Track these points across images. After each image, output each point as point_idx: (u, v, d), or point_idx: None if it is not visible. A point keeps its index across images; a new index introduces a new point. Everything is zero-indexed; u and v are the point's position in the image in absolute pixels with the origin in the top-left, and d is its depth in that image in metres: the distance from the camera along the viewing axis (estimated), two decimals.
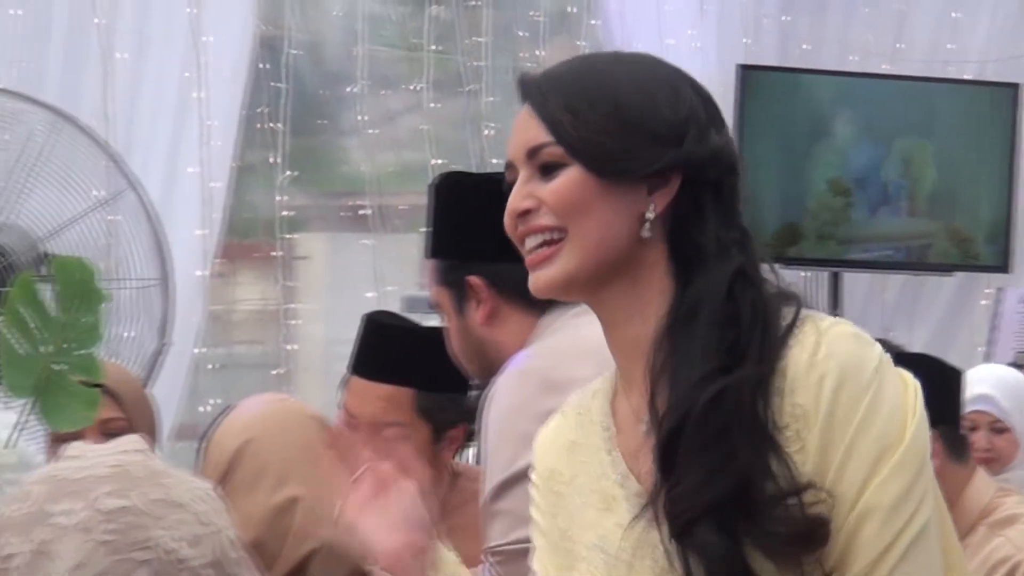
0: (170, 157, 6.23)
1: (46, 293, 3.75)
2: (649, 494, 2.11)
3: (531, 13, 7.36)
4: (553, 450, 2.32)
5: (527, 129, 2.17)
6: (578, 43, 7.50)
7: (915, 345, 7.36)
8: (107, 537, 1.57)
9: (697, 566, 2.04)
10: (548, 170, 2.14)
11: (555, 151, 2.13)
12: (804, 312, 2.14)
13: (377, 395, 3.68)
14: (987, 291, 7.80)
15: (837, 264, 7.68)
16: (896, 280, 8.09)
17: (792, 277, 7.62)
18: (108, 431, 3.68)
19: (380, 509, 2.43)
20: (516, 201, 2.17)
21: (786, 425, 2.06)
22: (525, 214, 2.16)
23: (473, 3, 7.17)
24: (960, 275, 7.97)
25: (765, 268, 2.17)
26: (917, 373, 3.72)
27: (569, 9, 7.54)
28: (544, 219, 2.14)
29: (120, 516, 1.58)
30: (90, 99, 5.98)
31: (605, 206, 2.12)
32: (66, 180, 4.99)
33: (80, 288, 3.68)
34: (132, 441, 1.67)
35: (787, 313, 2.12)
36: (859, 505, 2.04)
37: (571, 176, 2.12)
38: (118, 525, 1.58)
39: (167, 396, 5.74)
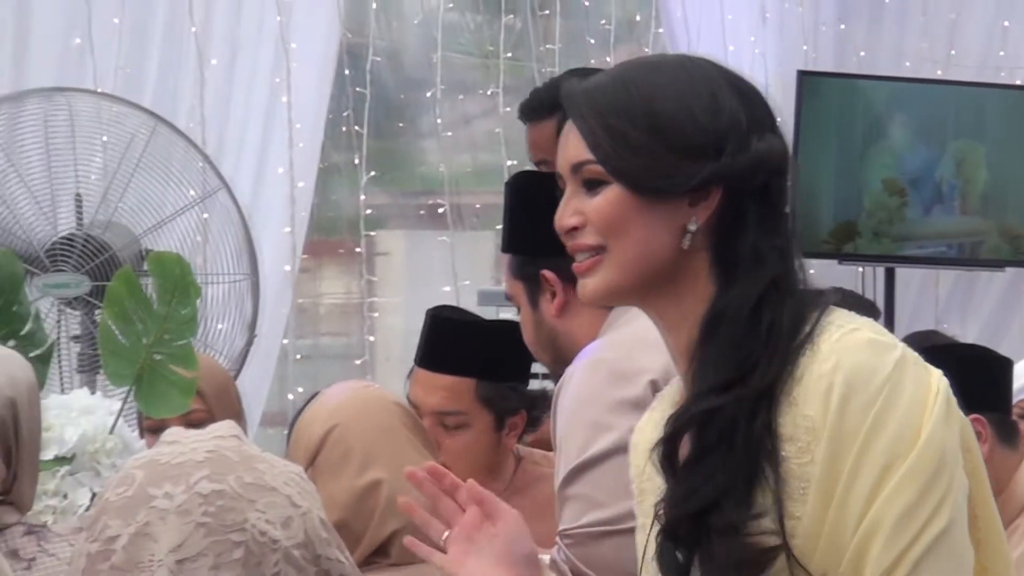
0: (260, 158, 6.23)
1: (146, 287, 3.77)
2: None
3: (600, 21, 7.36)
4: (640, 450, 2.25)
5: (571, 144, 2.13)
6: (644, 50, 7.49)
7: (967, 337, 7.33)
8: (204, 519, 1.56)
9: (694, 569, 2.02)
10: (592, 186, 2.10)
11: (596, 169, 2.09)
12: (830, 316, 2.06)
13: (440, 385, 3.70)
14: None
15: (892, 260, 7.65)
16: (949, 275, 8.05)
17: (849, 273, 7.63)
18: (190, 422, 3.68)
19: (486, 540, 2.29)
20: (563, 218, 2.13)
21: (794, 437, 2.00)
22: (572, 230, 2.12)
23: (545, 12, 7.18)
24: (1011, 271, 7.91)
25: (805, 269, 2.12)
26: (970, 363, 3.75)
27: (636, 17, 7.54)
28: (588, 237, 2.10)
29: (216, 499, 1.58)
30: (186, 103, 6.00)
31: (646, 222, 2.07)
32: (163, 180, 5.02)
33: (177, 282, 3.70)
34: (227, 427, 1.67)
35: (812, 318, 2.05)
36: (868, 518, 1.96)
37: (612, 195, 2.08)
38: (214, 508, 1.57)
39: (256, 385, 5.77)
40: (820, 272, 7.80)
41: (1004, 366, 3.86)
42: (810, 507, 1.98)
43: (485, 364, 3.66)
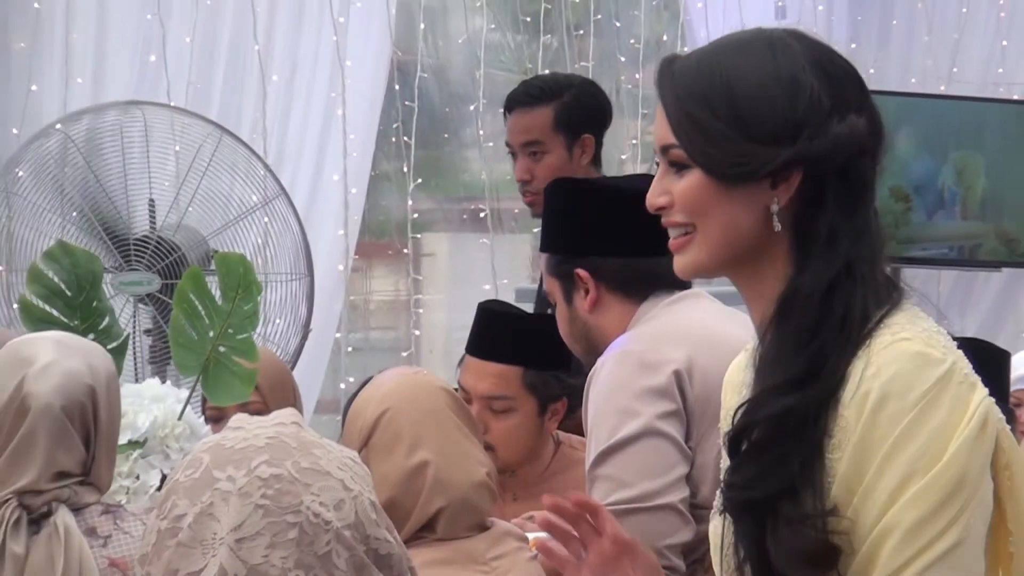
0: (316, 167, 6.24)
1: (212, 285, 3.79)
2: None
3: (630, 41, 7.32)
4: (731, 388, 2.18)
5: (660, 125, 2.06)
6: None
7: (966, 332, 7.31)
8: (263, 502, 1.56)
9: (743, 551, 1.97)
10: (678, 168, 2.04)
11: (680, 153, 2.03)
12: (893, 316, 1.97)
13: (489, 372, 3.68)
14: None
15: (898, 261, 7.60)
16: (950, 275, 8.03)
17: None
18: (247, 413, 3.72)
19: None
20: (653, 196, 2.08)
21: (832, 433, 1.92)
22: (662, 208, 2.07)
23: (579, 32, 7.16)
24: (1007, 271, 7.90)
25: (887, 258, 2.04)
26: (970, 355, 3.74)
27: (663, 37, 7.51)
28: (676, 216, 2.05)
29: (274, 483, 1.57)
30: (249, 116, 6.01)
31: (728, 205, 2.01)
32: (228, 186, 5.01)
33: (240, 280, 3.71)
34: (288, 415, 1.67)
35: (876, 316, 1.96)
36: (881, 523, 1.88)
37: (695, 179, 2.02)
38: (272, 491, 1.57)
39: (311, 375, 5.78)
40: None
41: (1002, 358, 3.85)
42: (830, 502, 1.92)
43: (531, 353, 3.66)
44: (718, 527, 2.03)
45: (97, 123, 4.99)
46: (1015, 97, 7.96)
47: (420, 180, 6.56)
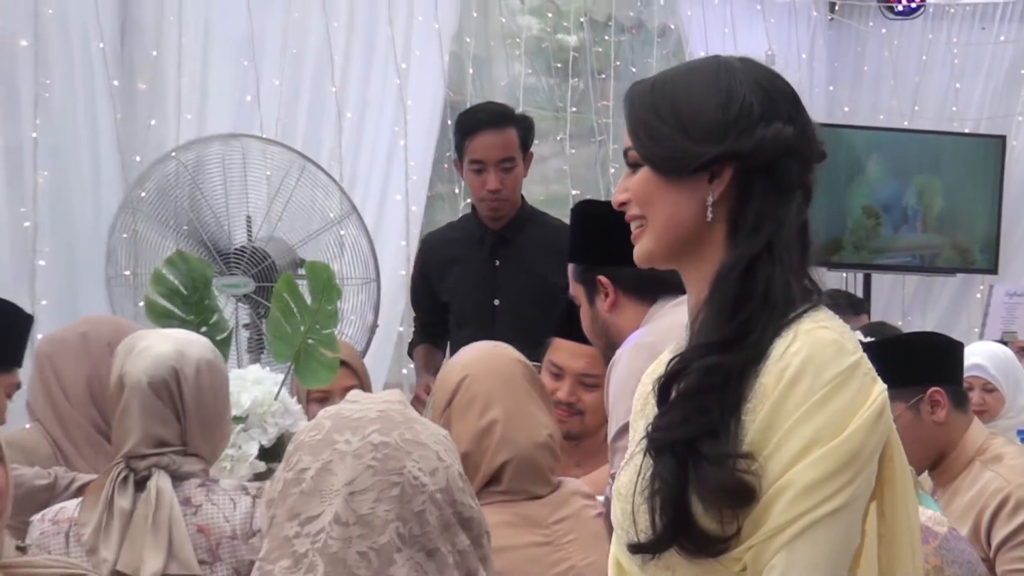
0: (382, 188, 6.23)
1: (302, 288, 3.82)
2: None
3: None
4: (646, 382, 2.08)
5: (625, 134, 2.02)
6: None
7: (927, 327, 7.34)
8: (372, 463, 1.59)
9: (656, 490, 1.87)
10: (634, 168, 1.99)
11: (634, 154, 1.98)
12: (817, 311, 1.91)
13: (583, 353, 3.64)
14: (981, 288, 7.72)
15: (869, 268, 7.65)
16: (912, 279, 8.04)
17: (835, 278, 7.63)
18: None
19: None
20: (616, 194, 2.03)
21: (748, 397, 1.86)
22: (623, 204, 2.02)
23: (602, 76, 7.15)
24: (961, 276, 7.92)
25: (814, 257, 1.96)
26: (931, 347, 3.73)
27: None
28: (633, 209, 2.00)
29: (383, 449, 1.60)
30: (327, 146, 6.01)
31: (671, 197, 1.95)
32: (310, 205, 5.01)
33: (324, 285, 3.73)
34: (396, 395, 1.69)
35: (800, 307, 1.90)
36: (782, 479, 1.82)
37: (643, 174, 1.97)
38: (381, 455, 1.59)
39: (379, 362, 5.78)
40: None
41: (957, 348, 3.83)
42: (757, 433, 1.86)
43: None
44: (633, 472, 1.93)
45: (204, 152, 4.99)
46: (967, 131, 7.98)
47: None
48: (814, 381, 1.84)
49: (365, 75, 6.17)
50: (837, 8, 8.21)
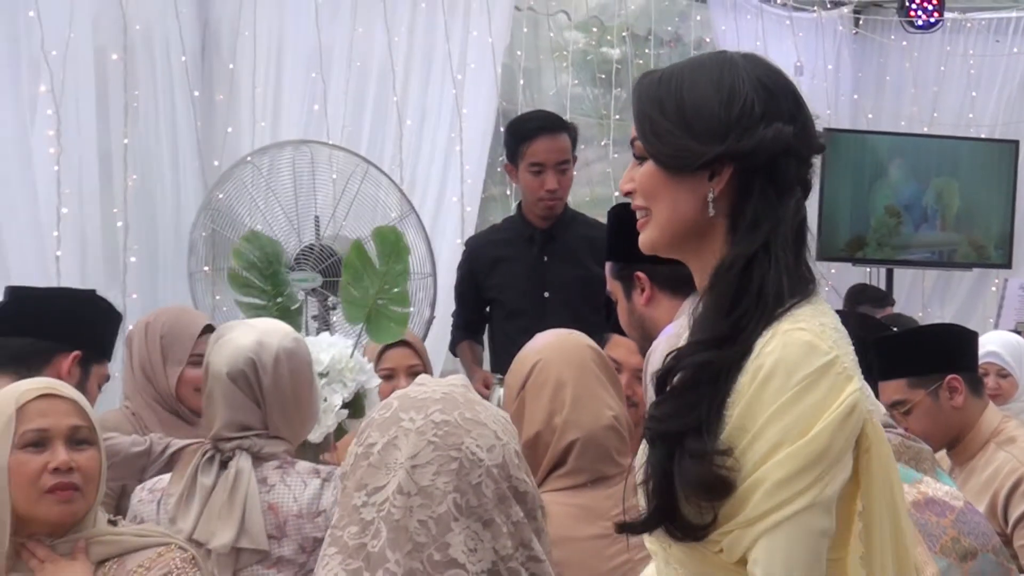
0: (439, 190, 6.23)
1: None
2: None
3: None
4: (653, 362, 2.09)
5: (634, 123, 1.93)
6: None
7: (945, 318, 7.29)
8: (434, 439, 1.60)
9: (648, 478, 1.83)
10: (640, 159, 1.91)
11: (640, 145, 1.90)
12: (800, 307, 1.84)
13: (636, 350, 3.66)
14: (996, 281, 7.68)
15: (891, 263, 7.61)
16: (932, 274, 7.99)
17: (860, 272, 7.59)
18: (412, 373, 3.74)
19: None
20: (623, 182, 1.96)
21: (731, 393, 1.80)
22: (629, 193, 1.94)
23: None
24: (977, 271, 7.87)
25: (808, 252, 1.89)
26: (951, 336, 3.71)
27: None
28: (638, 200, 1.92)
29: (444, 426, 1.60)
30: (389, 151, 6.02)
31: (674, 192, 1.88)
32: (373, 205, 5.00)
33: (392, 246, 3.73)
34: (460, 379, 1.70)
35: (789, 303, 1.83)
36: (753, 476, 1.77)
37: (648, 168, 1.89)
38: (442, 432, 1.60)
39: (437, 349, 5.79)
40: (839, 272, 7.78)
41: (972, 338, 3.80)
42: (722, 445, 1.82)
43: None
44: (642, 456, 1.90)
45: (276, 156, 5.00)
46: (982, 136, 7.91)
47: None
48: (785, 381, 1.78)
49: (424, 85, 6.18)
50: (861, 23, 8.16)
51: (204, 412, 2.80)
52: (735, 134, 1.84)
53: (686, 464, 1.79)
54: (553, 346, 2.94)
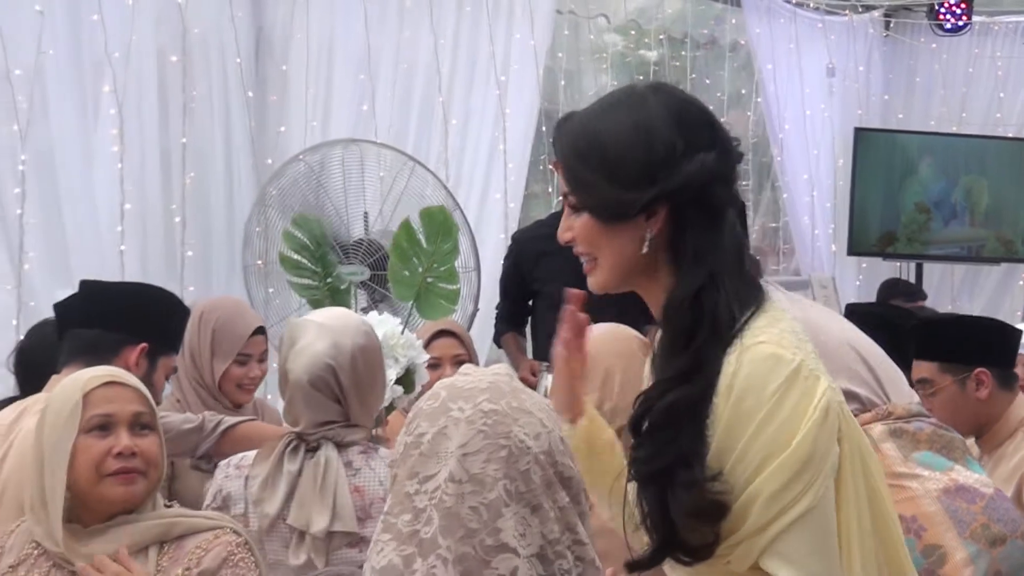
0: (483, 188, 6.22)
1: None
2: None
3: (717, 94, 7.30)
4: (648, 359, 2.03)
5: (561, 173, 1.90)
6: (748, 114, 7.42)
7: (974, 311, 7.24)
8: (483, 428, 1.58)
9: (645, 516, 1.83)
10: (575, 209, 1.89)
11: (572, 199, 1.89)
12: (756, 320, 1.83)
13: None
14: (1023, 275, 7.62)
15: (921, 258, 7.56)
16: (960, 268, 7.94)
17: (890, 267, 7.54)
18: (458, 362, 3.74)
19: None
20: (561, 232, 1.93)
21: (709, 415, 1.79)
22: (569, 242, 1.92)
23: (680, 87, 7.10)
24: (1004, 265, 7.80)
25: (752, 260, 1.90)
26: (984, 331, 3.65)
27: (742, 91, 7.47)
28: (581, 247, 1.92)
29: (492, 416, 1.58)
30: (435, 150, 6.01)
31: (614, 239, 1.86)
32: (419, 202, 4.99)
33: (440, 225, 3.71)
34: (504, 368, 1.67)
35: (742, 319, 1.82)
36: (747, 491, 1.77)
37: (585, 220, 1.88)
38: (491, 421, 1.58)
39: (481, 340, 5.78)
40: (869, 266, 7.74)
41: (1012, 335, 3.70)
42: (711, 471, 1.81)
43: None
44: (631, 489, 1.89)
45: (327, 155, 5.00)
46: (1010, 135, 7.85)
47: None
48: (758, 397, 1.78)
49: (469, 86, 6.17)
50: (891, 26, 8.11)
51: (285, 413, 2.82)
52: (663, 175, 1.80)
53: (679, 495, 1.78)
54: (601, 339, 2.89)
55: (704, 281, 1.82)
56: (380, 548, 1.57)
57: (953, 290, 7.88)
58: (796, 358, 1.80)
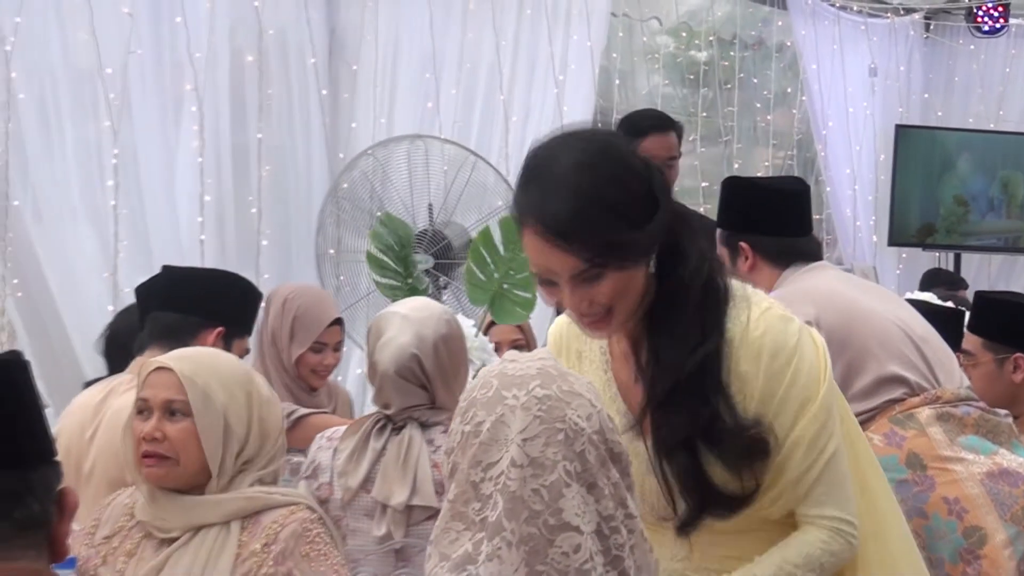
0: None
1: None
2: (636, 416, 1.92)
3: (763, 92, 7.26)
4: (565, 352, 2.05)
5: (555, 260, 1.80)
6: (793, 111, 7.37)
7: None
8: (539, 414, 1.55)
9: (672, 475, 1.88)
10: (591, 279, 1.81)
11: (593, 271, 1.81)
12: (746, 295, 1.91)
13: None
14: None
15: (959, 248, 7.48)
16: (997, 259, 7.85)
17: (930, 257, 7.47)
18: (517, 347, 3.72)
19: None
20: (578, 306, 1.85)
21: (731, 383, 1.86)
22: (589, 311, 1.86)
23: (727, 86, 7.10)
24: None
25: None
26: (1017, 314, 3.56)
27: (787, 89, 7.41)
28: (598, 309, 1.85)
29: (546, 401, 1.56)
30: (496, 145, 5.99)
31: (632, 278, 1.84)
32: (481, 194, 5.00)
33: (517, 236, 3.69)
34: (544, 353, 1.65)
35: (726, 290, 1.90)
36: (789, 439, 1.87)
37: (612, 278, 1.82)
38: (545, 406, 1.56)
39: (540, 327, 5.75)
40: (909, 256, 7.64)
41: None
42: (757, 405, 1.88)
43: None
44: (640, 455, 1.90)
45: (394, 150, 4.99)
46: None
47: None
48: (784, 355, 1.88)
49: (528, 85, 6.14)
50: (931, 28, 8.03)
51: (375, 398, 2.83)
52: (655, 198, 1.81)
53: (725, 442, 1.84)
54: None
55: (699, 262, 1.88)
56: (454, 536, 1.55)
57: (990, 279, 7.78)
58: (794, 317, 1.95)
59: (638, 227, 1.80)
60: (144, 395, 2.35)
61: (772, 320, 1.90)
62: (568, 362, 2.04)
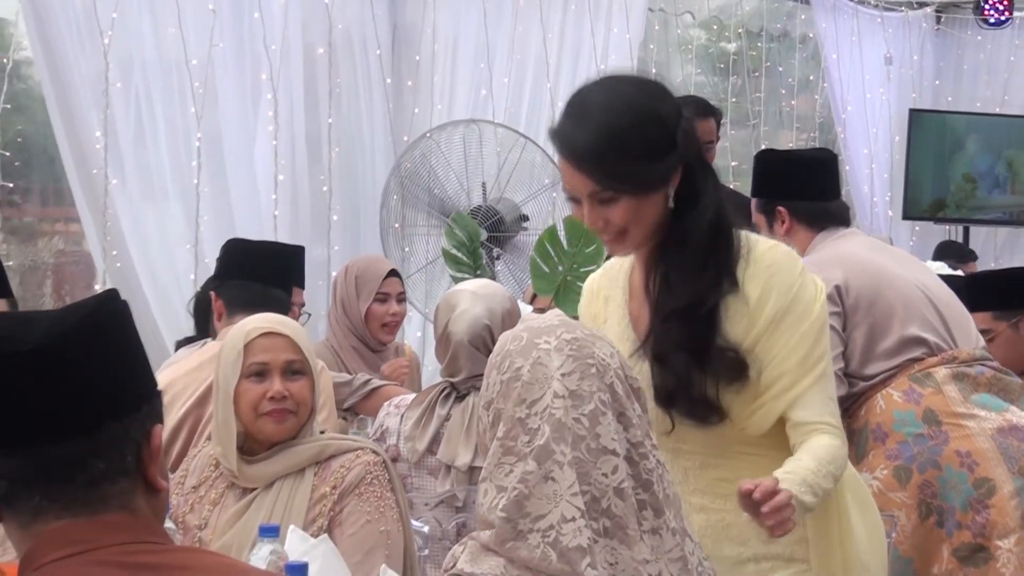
0: None
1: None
2: (642, 341, 1.96)
3: (788, 79, 7.17)
4: (595, 297, 2.10)
5: (578, 181, 1.88)
6: (815, 97, 7.29)
7: None
8: (571, 353, 1.56)
9: (668, 384, 1.92)
10: (607, 201, 1.89)
11: (608, 194, 1.88)
12: (751, 238, 1.95)
13: None
14: None
15: (968, 222, 7.40)
16: (1003, 231, 7.74)
17: (940, 230, 7.38)
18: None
19: None
20: (593, 223, 1.91)
21: (731, 306, 1.90)
22: (604, 228, 1.93)
23: (755, 74, 7.04)
24: None
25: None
26: (1008, 278, 3.47)
27: (810, 77, 7.33)
28: (614, 228, 1.92)
29: (575, 343, 1.57)
30: (543, 129, 5.84)
31: (646, 206, 1.90)
32: (529, 173, 4.98)
33: (582, 233, 3.71)
34: (556, 313, 1.66)
35: (736, 237, 1.93)
36: (792, 344, 1.90)
37: (624, 203, 1.88)
38: (576, 346, 1.57)
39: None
40: (922, 229, 7.53)
41: None
42: (757, 331, 1.91)
43: None
44: (644, 374, 1.92)
45: (451, 133, 4.98)
46: None
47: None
48: (790, 277, 1.91)
49: (573, 74, 6.07)
50: (942, 20, 7.92)
51: (445, 368, 2.87)
52: (675, 140, 1.84)
53: (714, 361, 1.87)
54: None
55: (714, 213, 1.91)
56: (508, 470, 1.53)
57: (996, 250, 7.68)
58: (800, 259, 1.97)
59: (649, 162, 1.85)
60: (263, 359, 2.35)
61: (779, 253, 1.94)
62: (596, 306, 2.09)
